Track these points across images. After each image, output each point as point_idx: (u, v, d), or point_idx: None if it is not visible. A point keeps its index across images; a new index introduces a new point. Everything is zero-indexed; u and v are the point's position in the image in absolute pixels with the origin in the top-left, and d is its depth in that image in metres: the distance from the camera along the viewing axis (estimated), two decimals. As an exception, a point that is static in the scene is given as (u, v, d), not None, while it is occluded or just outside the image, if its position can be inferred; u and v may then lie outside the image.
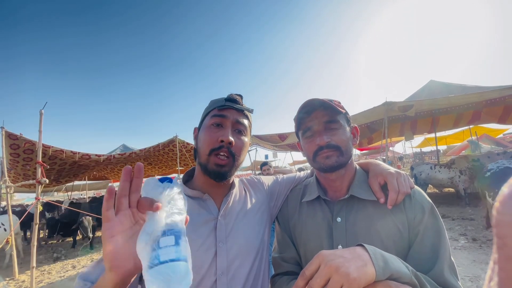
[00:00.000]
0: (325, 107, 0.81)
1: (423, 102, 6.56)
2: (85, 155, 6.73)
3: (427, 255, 0.70)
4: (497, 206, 0.26)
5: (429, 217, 0.74)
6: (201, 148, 0.81)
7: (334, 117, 0.82)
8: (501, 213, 0.25)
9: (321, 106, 0.81)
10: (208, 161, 0.79)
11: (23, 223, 7.84)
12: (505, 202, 0.25)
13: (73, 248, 7.31)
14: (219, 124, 0.81)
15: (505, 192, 0.25)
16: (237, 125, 0.83)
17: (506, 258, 0.25)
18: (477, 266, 3.52)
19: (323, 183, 0.91)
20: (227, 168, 0.80)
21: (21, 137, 5.37)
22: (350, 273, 0.48)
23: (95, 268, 0.62)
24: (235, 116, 0.83)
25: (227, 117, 0.81)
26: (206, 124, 0.83)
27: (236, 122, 0.82)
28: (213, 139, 0.79)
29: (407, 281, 0.53)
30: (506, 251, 0.24)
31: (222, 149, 0.78)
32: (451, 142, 17.72)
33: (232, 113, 0.82)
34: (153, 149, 8.01)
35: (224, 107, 0.82)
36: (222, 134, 0.79)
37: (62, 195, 17.91)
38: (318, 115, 0.82)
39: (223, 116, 0.81)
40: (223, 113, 0.82)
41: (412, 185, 0.79)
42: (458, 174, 7.16)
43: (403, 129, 10.06)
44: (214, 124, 0.81)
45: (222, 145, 0.78)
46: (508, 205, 0.25)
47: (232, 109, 0.83)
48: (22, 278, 5.24)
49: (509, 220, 0.24)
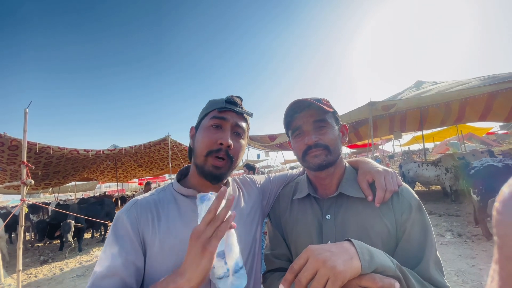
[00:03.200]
0: (313, 107, 0.82)
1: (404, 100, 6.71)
2: (73, 150, 6.55)
3: (414, 251, 0.71)
4: (497, 206, 0.26)
5: (415, 214, 0.75)
6: (199, 148, 0.80)
7: (322, 116, 0.83)
8: (501, 213, 0.25)
9: (309, 106, 0.82)
10: (205, 162, 0.79)
11: (8, 226, 7.61)
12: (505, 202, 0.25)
13: (60, 251, 7.14)
14: (219, 126, 0.80)
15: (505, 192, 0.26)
16: (236, 128, 0.83)
17: (506, 257, 0.25)
18: (462, 260, 3.63)
19: (313, 181, 0.92)
20: (224, 170, 0.79)
21: (5, 136, 5.20)
22: (336, 266, 0.49)
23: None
24: (235, 119, 0.82)
25: (227, 120, 0.81)
26: (205, 125, 0.82)
27: (236, 125, 0.82)
28: (211, 141, 0.78)
29: (392, 274, 0.55)
30: (506, 250, 0.25)
31: (220, 152, 0.77)
32: (439, 140, 18.19)
33: (232, 116, 0.82)
34: (143, 147, 7.91)
35: (225, 109, 0.81)
36: (221, 136, 0.78)
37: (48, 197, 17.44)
38: (307, 114, 0.83)
39: (223, 119, 0.80)
40: (223, 116, 0.81)
41: (399, 183, 0.81)
42: (444, 172, 7.35)
43: (392, 127, 10.26)
44: (214, 126, 0.80)
45: (221, 147, 0.77)
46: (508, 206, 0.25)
47: (232, 111, 0.82)
48: (8, 281, 5.07)
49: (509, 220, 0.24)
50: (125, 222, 0.73)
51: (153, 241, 0.73)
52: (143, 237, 0.73)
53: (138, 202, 0.79)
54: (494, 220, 0.26)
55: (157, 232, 0.74)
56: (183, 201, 0.82)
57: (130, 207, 0.77)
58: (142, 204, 0.78)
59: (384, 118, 8.61)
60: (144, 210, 0.77)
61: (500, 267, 0.25)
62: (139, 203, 0.79)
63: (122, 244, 0.70)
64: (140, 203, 0.79)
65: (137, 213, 0.75)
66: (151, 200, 0.80)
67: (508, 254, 0.24)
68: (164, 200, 0.82)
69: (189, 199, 0.82)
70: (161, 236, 0.74)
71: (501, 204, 0.26)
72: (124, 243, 0.70)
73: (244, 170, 4.43)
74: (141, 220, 0.75)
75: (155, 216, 0.77)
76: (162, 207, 0.80)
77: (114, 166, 10.19)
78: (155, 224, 0.75)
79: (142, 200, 0.80)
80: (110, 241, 0.71)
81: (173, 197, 0.83)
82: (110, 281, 0.64)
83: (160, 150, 8.72)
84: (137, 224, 0.74)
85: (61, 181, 9.41)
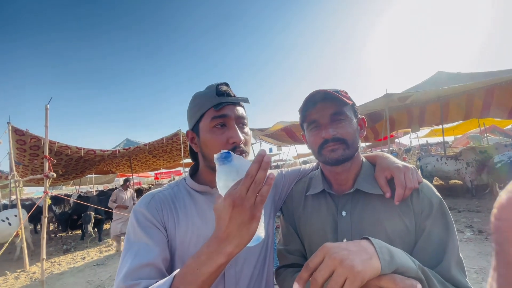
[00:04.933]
0: (331, 99, 0.78)
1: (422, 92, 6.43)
2: (90, 150, 6.82)
3: (434, 250, 0.68)
4: (494, 212, 0.26)
5: (437, 212, 0.72)
6: (210, 154, 0.75)
7: (340, 109, 0.79)
8: (499, 219, 0.25)
9: (327, 98, 0.78)
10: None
11: (32, 217, 8.04)
12: (502, 208, 0.25)
13: (82, 240, 7.48)
14: (223, 124, 0.77)
15: (503, 198, 0.26)
16: (240, 120, 0.79)
17: (504, 264, 0.24)
18: (483, 258, 3.51)
19: (328, 176, 0.89)
20: None
21: (27, 133, 5.46)
22: (354, 266, 0.47)
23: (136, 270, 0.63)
24: (235, 111, 0.78)
25: (229, 116, 0.76)
26: (206, 127, 0.77)
27: (238, 117, 0.79)
28: (222, 142, 0.75)
29: (413, 276, 0.52)
30: (504, 257, 0.24)
31: (235, 150, 0.74)
32: (459, 133, 17.46)
33: (232, 110, 0.78)
34: (157, 143, 8.10)
35: (223, 105, 0.77)
36: (231, 135, 0.75)
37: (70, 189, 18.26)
38: (324, 107, 0.79)
39: (225, 116, 0.76)
40: (224, 113, 0.76)
41: (420, 179, 0.77)
42: (465, 166, 7.07)
43: (410, 121, 9.91)
44: (217, 126, 0.77)
45: (235, 146, 0.75)
46: (505, 211, 0.25)
47: (230, 104, 0.78)
48: (33, 269, 5.39)
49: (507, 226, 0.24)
50: (148, 214, 0.73)
51: (174, 235, 0.74)
52: (166, 229, 0.74)
53: (156, 196, 0.79)
54: (492, 226, 0.26)
55: (177, 227, 0.75)
56: (199, 198, 0.82)
57: (150, 200, 0.77)
58: (161, 198, 0.78)
59: (401, 112, 8.31)
60: (164, 204, 0.77)
61: (498, 274, 0.25)
62: (157, 197, 0.79)
63: (150, 235, 0.69)
64: (158, 196, 0.79)
65: (158, 207, 0.76)
66: (168, 195, 0.81)
67: (506, 261, 0.24)
68: (180, 196, 0.82)
69: (204, 196, 0.82)
70: (181, 232, 0.74)
71: (499, 210, 0.25)
72: (152, 234, 0.70)
73: None
74: (163, 213, 0.75)
75: (174, 210, 0.77)
76: (179, 202, 0.80)
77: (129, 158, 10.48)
78: (174, 219, 0.76)
79: (160, 194, 0.80)
80: (136, 233, 0.70)
81: (187, 192, 0.83)
82: (147, 270, 0.63)
83: (173, 144, 8.89)
84: (160, 216, 0.74)
85: (79, 174, 9.88)
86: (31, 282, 4.72)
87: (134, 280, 0.60)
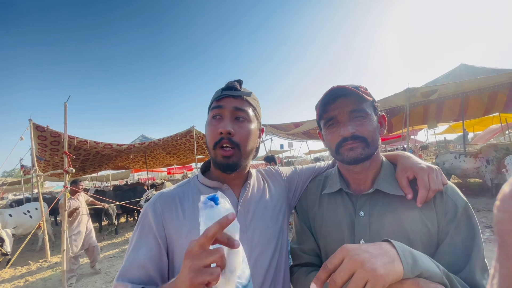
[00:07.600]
0: (350, 95, 0.75)
1: (448, 85, 6.11)
2: (107, 145, 7.04)
3: (458, 255, 0.66)
4: (497, 204, 0.26)
5: (462, 216, 0.69)
6: (208, 143, 0.81)
7: (360, 106, 0.76)
8: (501, 211, 0.25)
9: (346, 94, 0.75)
10: (215, 154, 0.78)
11: (53, 210, 8.38)
12: (505, 200, 0.26)
13: (99, 233, 7.75)
14: (219, 115, 0.79)
15: (505, 190, 0.26)
16: (237, 113, 0.79)
17: (506, 255, 0.25)
18: (504, 259, 3.37)
19: (346, 175, 0.87)
20: (235, 159, 0.77)
21: (48, 129, 5.67)
22: (376, 269, 0.46)
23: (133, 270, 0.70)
24: (233, 103, 0.79)
25: (224, 107, 0.79)
26: (208, 119, 0.82)
27: (235, 109, 0.79)
28: (214, 133, 0.77)
29: (438, 281, 0.51)
30: (506, 248, 0.25)
31: (223, 141, 0.76)
32: (479, 129, 16.71)
33: (229, 102, 0.79)
34: (171, 139, 8.22)
35: (221, 97, 0.80)
36: (221, 125, 0.77)
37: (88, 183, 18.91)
38: (343, 103, 0.76)
39: (220, 107, 0.79)
40: (220, 104, 0.79)
41: (445, 181, 0.73)
42: (485, 164, 6.77)
43: (426, 117, 9.55)
44: (214, 117, 0.79)
45: (222, 136, 0.76)
46: (507, 203, 0.25)
47: (230, 97, 0.80)
48: (54, 260, 5.65)
49: (509, 218, 0.24)
50: (149, 216, 0.76)
51: (179, 234, 0.74)
52: (168, 231, 0.75)
53: (163, 195, 0.81)
54: (495, 217, 0.26)
55: (183, 225, 0.75)
56: (209, 193, 0.82)
57: (155, 200, 0.80)
58: (167, 197, 0.80)
59: (418, 107, 8.01)
60: (169, 203, 0.79)
61: (501, 265, 0.26)
62: (164, 196, 0.80)
63: (146, 238, 0.74)
64: (165, 196, 0.81)
65: (162, 207, 0.77)
66: (176, 193, 0.82)
67: (508, 252, 0.25)
68: (189, 193, 0.83)
69: (213, 191, 0.83)
70: (187, 230, 0.75)
71: (501, 201, 0.26)
72: (148, 238, 0.74)
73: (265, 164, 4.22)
74: (166, 214, 0.77)
75: (180, 209, 0.78)
76: (188, 200, 0.81)
77: (144, 154, 10.72)
78: (180, 217, 0.77)
79: (167, 193, 0.82)
80: (136, 234, 0.75)
81: (197, 189, 0.84)
82: (137, 272, 0.69)
83: (186, 142, 9.02)
84: (161, 218, 0.76)
85: (97, 169, 10.24)
86: (52, 272, 4.95)
87: (125, 281, 0.67)
